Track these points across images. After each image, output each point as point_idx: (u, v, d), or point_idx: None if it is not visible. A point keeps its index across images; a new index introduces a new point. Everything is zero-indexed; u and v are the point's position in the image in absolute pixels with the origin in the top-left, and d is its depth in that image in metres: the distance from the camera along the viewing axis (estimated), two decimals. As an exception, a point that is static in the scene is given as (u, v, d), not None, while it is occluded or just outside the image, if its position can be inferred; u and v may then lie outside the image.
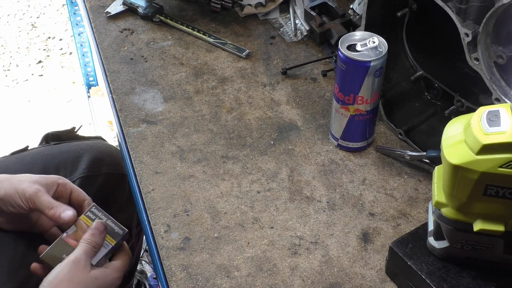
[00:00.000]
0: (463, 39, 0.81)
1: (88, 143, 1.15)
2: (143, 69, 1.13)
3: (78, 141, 1.16)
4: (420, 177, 0.94)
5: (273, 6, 1.24)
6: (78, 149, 1.11)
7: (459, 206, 0.69)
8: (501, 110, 0.63)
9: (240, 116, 1.05)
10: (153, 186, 0.93)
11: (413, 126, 0.99)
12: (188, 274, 0.82)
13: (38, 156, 1.09)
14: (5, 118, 2.45)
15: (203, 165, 0.96)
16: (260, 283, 0.81)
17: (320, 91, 1.09)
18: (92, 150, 1.12)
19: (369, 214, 0.89)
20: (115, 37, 1.20)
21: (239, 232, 0.87)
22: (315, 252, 0.84)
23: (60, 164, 1.07)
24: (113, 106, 1.07)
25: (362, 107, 0.92)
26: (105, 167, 1.11)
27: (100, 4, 1.28)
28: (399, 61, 1.02)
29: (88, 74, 2.19)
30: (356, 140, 0.97)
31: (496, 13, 0.76)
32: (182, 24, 1.22)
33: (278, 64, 1.15)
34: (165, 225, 0.88)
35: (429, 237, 0.76)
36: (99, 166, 1.10)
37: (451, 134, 0.66)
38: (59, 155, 1.10)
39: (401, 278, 0.79)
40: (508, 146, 0.61)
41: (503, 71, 0.81)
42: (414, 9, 0.95)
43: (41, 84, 2.62)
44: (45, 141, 1.16)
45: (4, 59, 2.74)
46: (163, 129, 1.02)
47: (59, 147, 1.13)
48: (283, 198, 0.91)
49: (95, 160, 1.10)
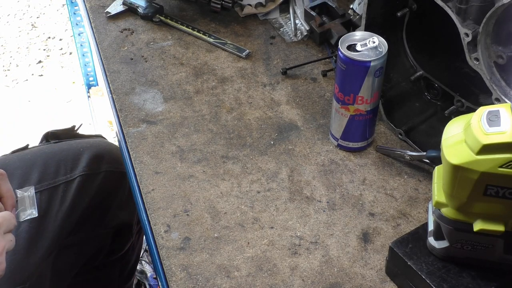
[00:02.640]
0: (463, 39, 0.81)
1: (89, 141, 1.15)
2: (143, 69, 1.13)
3: (79, 139, 1.16)
4: (420, 177, 0.94)
5: (273, 6, 1.24)
6: (79, 147, 1.11)
7: (459, 206, 0.69)
8: (501, 110, 0.63)
9: (240, 116, 1.05)
10: (153, 186, 0.93)
11: (413, 126, 0.99)
12: (188, 274, 0.82)
13: (38, 154, 1.09)
14: (5, 118, 2.45)
15: (203, 165, 0.96)
16: (260, 283, 0.81)
17: (320, 91, 1.09)
18: (92, 148, 1.12)
19: (369, 214, 0.89)
20: (115, 37, 1.20)
21: (239, 232, 0.87)
22: (315, 252, 0.84)
23: (60, 162, 1.07)
24: (113, 106, 1.07)
25: (362, 107, 0.92)
26: (105, 165, 1.11)
27: (100, 4, 1.28)
28: (399, 61, 1.02)
29: (88, 74, 2.19)
30: (356, 140, 0.97)
31: (496, 13, 0.76)
32: (182, 24, 1.22)
33: (278, 64, 1.15)
34: (165, 225, 0.88)
35: (429, 237, 0.76)
36: (99, 164, 1.10)
37: (451, 134, 0.66)
38: (59, 153, 1.09)
39: (401, 278, 0.79)
40: (508, 146, 0.61)
41: (503, 71, 0.81)
42: (414, 9, 0.95)
43: (41, 84, 2.62)
44: (45, 139, 1.17)
45: (4, 59, 2.74)
46: (163, 129, 1.02)
47: (60, 145, 1.13)
48: (283, 198, 0.91)
49: (95, 158, 1.10)
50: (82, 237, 1.09)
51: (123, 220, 1.16)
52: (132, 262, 1.31)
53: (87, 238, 1.10)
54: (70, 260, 1.08)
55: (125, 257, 1.25)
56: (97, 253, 1.15)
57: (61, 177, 1.06)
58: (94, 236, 1.12)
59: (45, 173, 1.05)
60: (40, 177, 1.05)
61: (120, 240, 1.19)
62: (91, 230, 1.10)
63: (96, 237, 1.13)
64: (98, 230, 1.12)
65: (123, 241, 1.21)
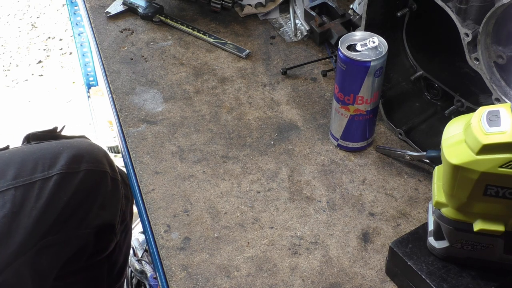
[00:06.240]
0: (463, 39, 0.81)
1: (70, 141, 1.13)
2: (143, 69, 1.13)
3: (60, 140, 1.14)
4: (420, 177, 0.94)
5: (273, 6, 1.25)
6: (59, 146, 1.08)
7: (459, 206, 0.69)
8: (501, 110, 0.63)
9: (240, 116, 1.05)
10: (153, 186, 0.93)
11: (413, 126, 0.99)
12: (188, 274, 0.82)
13: (16, 153, 1.07)
14: (5, 118, 2.45)
15: (203, 165, 0.96)
16: (260, 283, 0.81)
17: (320, 91, 1.09)
18: (73, 147, 1.09)
19: (369, 214, 0.89)
20: (115, 37, 1.20)
21: (239, 232, 0.87)
22: (315, 252, 0.84)
23: (38, 160, 1.04)
24: (113, 106, 1.07)
25: (362, 107, 0.92)
26: (85, 164, 1.07)
27: (100, 4, 1.28)
28: (399, 61, 1.02)
29: (88, 74, 2.19)
30: (356, 140, 0.97)
31: (496, 13, 0.76)
32: (182, 24, 1.22)
33: (278, 64, 1.15)
34: (165, 225, 0.88)
35: (429, 237, 0.76)
36: (78, 163, 1.07)
37: (451, 134, 0.66)
38: (38, 151, 1.07)
39: (401, 278, 0.79)
40: (508, 146, 0.61)
41: (503, 71, 0.81)
42: (414, 9, 0.95)
43: (41, 84, 2.62)
44: (27, 141, 1.15)
45: (4, 59, 2.75)
46: (163, 129, 1.02)
47: (39, 145, 1.10)
48: (283, 198, 0.91)
49: (74, 157, 1.07)
50: (63, 236, 1.06)
51: (105, 220, 1.14)
52: (120, 262, 1.29)
53: (68, 238, 1.08)
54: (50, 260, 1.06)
55: (111, 257, 1.24)
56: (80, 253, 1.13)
57: (38, 174, 1.04)
58: (75, 236, 1.09)
59: (22, 170, 1.03)
60: (16, 174, 1.02)
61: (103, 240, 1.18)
62: (72, 230, 1.08)
63: (78, 237, 1.11)
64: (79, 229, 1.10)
65: (107, 241, 1.20)
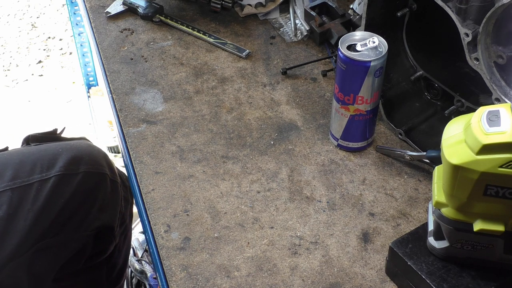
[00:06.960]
0: (463, 39, 0.81)
1: (69, 143, 1.12)
2: (143, 69, 1.13)
3: (60, 142, 1.14)
4: (420, 177, 0.94)
5: (273, 6, 1.25)
6: (57, 148, 1.08)
7: (459, 206, 0.69)
8: (501, 110, 0.63)
9: (240, 116, 1.05)
10: (153, 186, 0.93)
11: (413, 126, 0.99)
12: (188, 274, 0.82)
13: (15, 154, 1.06)
14: (5, 118, 2.45)
15: (203, 165, 0.96)
16: (260, 283, 0.81)
17: (320, 91, 1.09)
18: (71, 149, 1.08)
19: (369, 214, 0.89)
20: (115, 37, 1.20)
21: (239, 232, 0.87)
22: (315, 252, 0.84)
23: (36, 161, 1.04)
24: (113, 106, 1.07)
25: (362, 107, 0.92)
26: (84, 166, 1.07)
27: (100, 4, 1.28)
28: (399, 61, 1.02)
29: (88, 74, 2.19)
30: (356, 140, 0.97)
31: (496, 13, 0.76)
32: (182, 24, 1.22)
33: (278, 64, 1.15)
34: (165, 225, 0.88)
35: (429, 237, 0.76)
36: (77, 164, 1.06)
37: (451, 134, 0.66)
38: (37, 153, 1.06)
39: (401, 278, 0.79)
40: (508, 146, 0.61)
41: (503, 71, 0.81)
42: (414, 9, 0.95)
43: (41, 84, 2.62)
44: (26, 142, 1.15)
45: (4, 59, 2.75)
46: (163, 129, 1.02)
47: (38, 147, 1.10)
48: (283, 198, 0.91)
49: (73, 159, 1.06)
50: (61, 239, 1.05)
51: (104, 222, 1.13)
52: (120, 265, 1.29)
53: (66, 240, 1.07)
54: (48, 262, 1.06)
55: (110, 260, 1.23)
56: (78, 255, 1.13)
57: (36, 175, 1.03)
58: (74, 238, 1.09)
59: (20, 171, 1.02)
60: (14, 175, 1.02)
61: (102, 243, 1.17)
62: (71, 232, 1.07)
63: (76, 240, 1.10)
64: (78, 232, 1.09)
65: (106, 243, 1.19)
